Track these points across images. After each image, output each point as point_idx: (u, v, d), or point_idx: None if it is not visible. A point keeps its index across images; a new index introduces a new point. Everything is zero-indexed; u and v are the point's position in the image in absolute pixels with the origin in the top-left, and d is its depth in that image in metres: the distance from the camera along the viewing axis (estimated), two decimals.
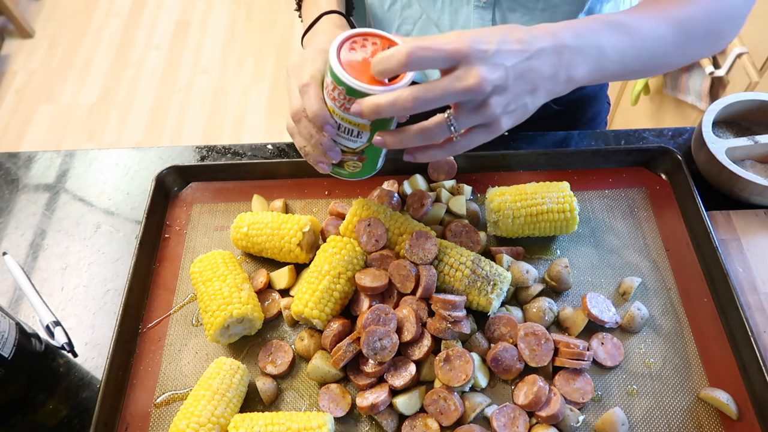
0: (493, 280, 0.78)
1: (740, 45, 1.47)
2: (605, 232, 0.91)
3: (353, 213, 0.87)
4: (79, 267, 0.93)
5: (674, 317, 0.82)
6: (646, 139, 1.03)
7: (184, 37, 3.22)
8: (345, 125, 0.68)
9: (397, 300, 0.81)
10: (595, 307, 0.80)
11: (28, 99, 2.96)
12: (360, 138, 0.70)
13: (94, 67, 3.10)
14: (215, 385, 0.73)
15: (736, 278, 0.85)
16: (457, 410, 0.72)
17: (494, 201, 0.86)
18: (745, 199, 0.93)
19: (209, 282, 0.82)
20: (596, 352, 0.78)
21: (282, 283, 0.87)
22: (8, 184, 1.05)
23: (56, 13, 3.37)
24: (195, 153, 1.07)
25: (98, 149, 1.09)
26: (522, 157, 0.98)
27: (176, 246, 0.94)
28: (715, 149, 0.92)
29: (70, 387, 0.82)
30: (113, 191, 1.03)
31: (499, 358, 0.76)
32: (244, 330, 0.82)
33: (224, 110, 2.88)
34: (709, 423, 0.74)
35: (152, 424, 0.77)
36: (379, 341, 0.74)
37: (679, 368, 0.78)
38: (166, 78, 3.04)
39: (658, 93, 1.88)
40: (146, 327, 0.85)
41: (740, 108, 1.00)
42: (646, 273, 0.87)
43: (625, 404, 0.75)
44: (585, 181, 0.97)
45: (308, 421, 0.69)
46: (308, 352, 0.79)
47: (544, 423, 0.72)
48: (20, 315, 0.89)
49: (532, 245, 0.90)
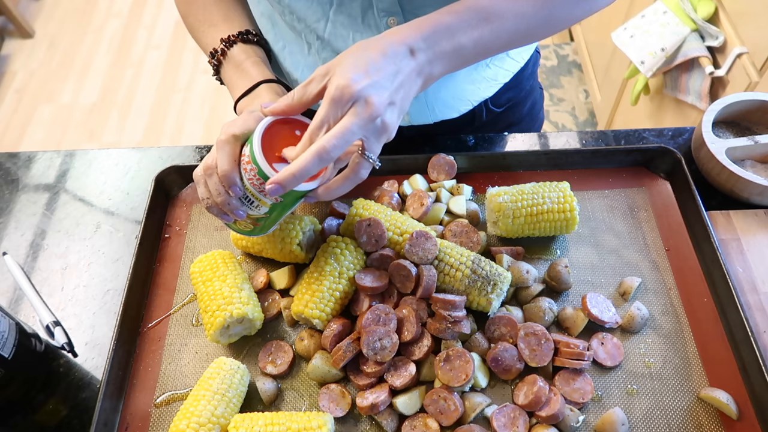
0: (493, 280, 0.79)
1: (740, 45, 1.47)
2: (605, 232, 0.91)
3: (353, 213, 0.87)
4: (79, 267, 0.93)
5: (674, 317, 0.82)
6: (646, 139, 1.03)
7: (184, 37, 3.22)
8: (250, 196, 0.72)
9: (397, 300, 0.81)
10: (595, 307, 0.80)
11: (28, 99, 2.96)
12: (260, 209, 0.74)
13: (94, 67, 3.10)
14: (215, 385, 0.73)
15: (736, 278, 0.85)
16: (457, 410, 0.72)
17: (494, 201, 0.86)
18: (745, 199, 0.93)
19: (209, 282, 0.82)
20: (596, 352, 0.78)
21: (282, 283, 0.87)
22: (8, 184, 1.05)
23: (56, 13, 3.38)
24: (195, 153, 1.07)
25: (98, 149, 1.09)
26: (522, 157, 0.98)
27: (176, 246, 0.94)
28: (715, 149, 0.92)
29: (70, 387, 0.82)
30: (113, 191, 1.03)
31: (499, 358, 0.76)
32: (244, 330, 0.82)
33: (224, 110, 2.88)
34: (709, 423, 0.74)
35: (152, 424, 0.77)
36: (379, 341, 0.74)
37: (679, 368, 0.78)
38: (166, 78, 3.04)
39: (658, 93, 1.88)
40: (146, 327, 0.85)
41: (740, 108, 1.00)
42: (646, 273, 0.87)
43: (625, 404, 0.75)
44: (585, 181, 0.97)
45: (308, 421, 0.69)
46: (308, 352, 0.79)
47: (544, 423, 0.72)
48: (20, 315, 0.89)
49: (532, 245, 0.90)
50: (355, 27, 0.82)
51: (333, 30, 0.83)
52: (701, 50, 1.56)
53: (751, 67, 1.44)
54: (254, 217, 0.76)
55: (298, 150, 0.65)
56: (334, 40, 0.84)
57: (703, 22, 1.56)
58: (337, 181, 0.70)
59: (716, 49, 1.57)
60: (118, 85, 3.01)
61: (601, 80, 2.46)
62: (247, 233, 0.80)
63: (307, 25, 0.84)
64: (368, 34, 0.83)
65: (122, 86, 3.01)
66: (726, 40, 1.52)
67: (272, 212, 0.75)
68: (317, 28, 0.84)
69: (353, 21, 0.82)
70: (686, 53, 1.59)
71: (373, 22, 0.81)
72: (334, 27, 0.83)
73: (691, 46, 1.58)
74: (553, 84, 2.80)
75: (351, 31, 0.83)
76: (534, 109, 1.16)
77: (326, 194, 0.71)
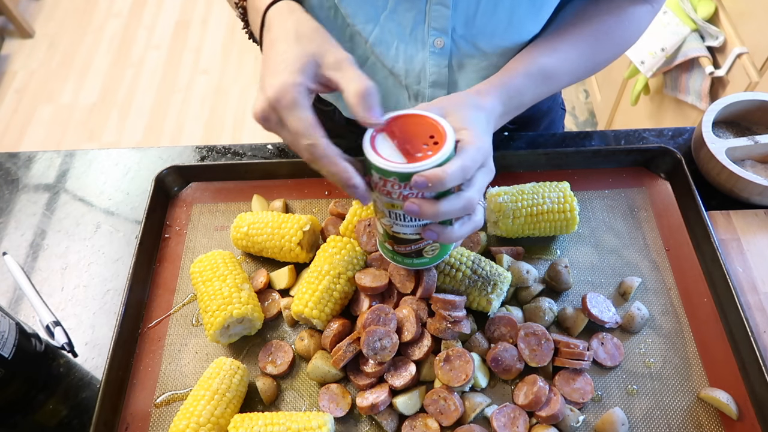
0: (493, 280, 0.79)
1: (740, 45, 1.47)
2: (605, 232, 0.91)
3: (353, 213, 0.87)
4: (79, 267, 0.93)
5: (674, 317, 0.82)
6: (646, 139, 1.03)
7: (184, 37, 3.22)
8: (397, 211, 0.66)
9: (397, 300, 0.81)
10: (595, 307, 0.80)
11: (28, 99, 2.96)
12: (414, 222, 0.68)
13: (94, 67, 3.10)
14: (215, 385, 0.73)
15: (736, 278, 0.85)
16: (457, 410, 0.72)
17: (494, 201, 0.86)
18: (745, 199, 0.93)
19: (209, 282, 0.82)
20: (596, 352, 0.78)
21: (282, 283, 0.87)
22: (8, 184, 1.05)
23: (56, 13, 3.38)
24: (195, 153, 1.07)
25: (98, 149, 1.09)
26: (522, 157, 0.98)
27: (176, 246, 0.94)
28: (715, 149, 0.92)
29: (70, 387, 0.82)
30: (113, 191, 1.03)
31: (499, 358, 0.76)
32: (244, 330, 0.82)
33: (224, 110, 2.88)
34: (709, 423, 0.74)
35: (152, 424, 0.77)
36: (379, 341, 0.74)
37: (679, 368, 0.78)
38: (166, 78, 3.04)
39: (658, 93, 1.88)
40: (146, 327, 0.85)
41: (740, 108, 1.00)
42: (646, 273, 0.87)
43: (625, 404, 0.75)
44: (585, 181, 0.97)
45: (308, 421, 0.69)
46: (308, 352, 0.79)
47: (544, 423, 0.72)
48: (20, 315, 0.89)
49: (532, 245, 0.90)
50: (402, 37, 0.82)
51: (380, 35, 0.83)
52: (701, 50, 1.57)
53: (751, 67, 1.44)
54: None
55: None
56: (378, 44, 0.84)
57: (703, 22, 1.56)
58: (462, 228, 0.69)
59: (716, 49, 1.57)
60: (118, 85, 3.01)
61: (601, 80, 2.46)
62: (435, 259, 0.76)
63: (356, 25, 0.83)
64: (413, 47, 0.83)
65: (122, 86, 3.01)
66: (726, 40, 1.52)
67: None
68: (364, 30, 0.82)
69: (402, 30, 0.81)
70: (686, 53, 1.59)
71: (421, 37, 0.81)
72: (382, 32, 0.82)
73: (691, 46, 1.58)
74: None
75: (397, 40, 0.83)
76: (551, 128, 1.16)
77: (449, 237, 0.68)
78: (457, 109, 0.68)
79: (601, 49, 0.83)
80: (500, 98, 0.74)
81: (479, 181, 0.64)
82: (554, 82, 0.80)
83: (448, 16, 0.78)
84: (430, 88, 0.88)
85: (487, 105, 0.71)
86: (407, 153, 0.63)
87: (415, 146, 0.63)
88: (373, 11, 0.80)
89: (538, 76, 0.77)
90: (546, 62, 0.78)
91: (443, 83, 0.87)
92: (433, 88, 0.88)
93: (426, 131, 0.64)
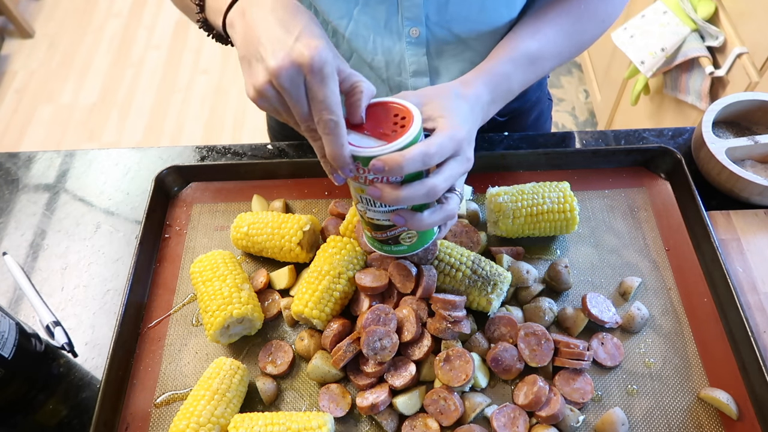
0: (493, 280, 0.79)
1: (740, 45, 1.47)
2: (605, 232, 0.91)
3: (353, 213, 0.87)
4: (79, 267, 0.93)
5: (674, 317, 0.82)
6: (646, 139, 1.03)
7: (184, 37, 3.22)
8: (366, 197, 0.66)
9: (397, 300, 0.81)
10: (595, 307, 0.80)
11: (28, 99, 2.96)
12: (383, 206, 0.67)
13: (94, 67, 3.10)
14: (215, 385, 0.73)
15: (736, 278, 0.85)
16: (457, 410, 0.72)
17: (494, 201, 0.86)
18: (745, 199, 0.93)
19: (209, 282, 0.82)
20: (596, 352, 0.78)
21: (282, 283, 0.87)
22: (8, 184, 1.05)
23: (56, 13, 3.37)
24: (195, 153, 1.07)
25: (98, 149, 1.09)
26: (522, 157, 0.98)
27: (176, 246, 0.94)
28: (715, 149, 0.92)
29: (70, 387, 0.82)
30: (113, 191, 1.03)
31: (499, 358, 0.76)
32: (244, 330, 0.82)
33: (224, 110, 2.88)
34: (709, 423, 0.74)
35: (152, 424, 0.77)
36: (379, 341, 0.74)
37: (679, 368, 0.78)
38: (166, 78, 3.04)
39: (658, 93, 1.88)
40: (146, 327, 0.85)
41: (740, 108, 1.00)
42: (646, 273, 0.87)
43: (625, 404, 0.75)
44: (585, 181, 0.97)
45: (308, 421, 0.69)
46: (308, 352, 0.79)
47: (544, 423, 0.72)
48: (20, 315, 0.89)
49: (532, 245, 0.90)
50: (377, 30, 0.83)
51: (355, 29, 0.83)
52: (701, 50, 1.56)
53: (751, 67, 1.44)
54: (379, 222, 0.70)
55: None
56: (355, 39, 0.84)
57: (703, 22, 1.56)
58: (431, 216, 0.68)
59: (716, 49, 1.57)
60: (118, 85, 3.01)
61: (601, 80, 2.46)
62: (413, 248, 0.75)
63: (332, 21, 0.83)
64: (389, 39, 0.83)
65: (122, 86, 3.01)
66: (726, 40, 1.52)
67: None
68: (340, 25, 0.83)
69: (376, 24, 0.82)
70: (686, 53, 1.59)
71: (396, 28, 0.82)
72: (357, 26, 0.83)
73: (691, 46, 1.58)
74: (553, 84, 2.80)
75: (372, 33, 0.83)
76: (540, 119, 1.16)
77: (418, 224, 0.67)
78: (437, 98, 0.68)
79: (584, 27, 0.83)
80: (486, 86, 0.73)
81: (449, 169, 0.63)
82: (540, 65, 0.79)
83: (420, 5, 0.78)
84: (412, 78, 0.88)
85: (470, 94, 0.71)
86: (386, 137, 0.62)
87: (386, 132, 0.63)
88: (345, 6, 0.81)
89: (524, 60, 0.77)
90: (530, 45, 0.78)
91: (424, 71, 0.87)
92: (414, 78, 0.88)
93: (392, 117, 0.64)
